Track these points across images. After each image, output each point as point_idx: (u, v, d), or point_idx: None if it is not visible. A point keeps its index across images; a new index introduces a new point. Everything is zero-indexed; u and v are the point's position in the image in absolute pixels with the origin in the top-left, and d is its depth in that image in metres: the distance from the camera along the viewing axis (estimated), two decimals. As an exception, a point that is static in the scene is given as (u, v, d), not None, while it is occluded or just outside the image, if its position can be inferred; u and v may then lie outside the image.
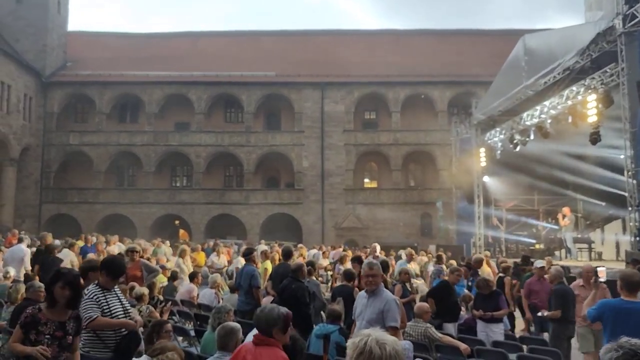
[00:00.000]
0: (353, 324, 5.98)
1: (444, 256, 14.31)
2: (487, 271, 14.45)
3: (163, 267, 11.97)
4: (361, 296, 5.76)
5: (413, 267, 13.30)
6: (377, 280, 5.47)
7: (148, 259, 12.09)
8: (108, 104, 36.98)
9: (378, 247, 15.01)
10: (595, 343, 7.96)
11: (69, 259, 11.74)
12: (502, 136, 23.15)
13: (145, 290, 8.39)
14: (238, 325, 5.13)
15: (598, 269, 6.14)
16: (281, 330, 3.88)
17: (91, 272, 5.73)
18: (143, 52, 38.83)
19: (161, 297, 9.51)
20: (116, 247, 16.17)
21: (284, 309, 3.98)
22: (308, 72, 36.29)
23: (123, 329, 5.09)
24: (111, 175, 37.40)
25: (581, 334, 8.24)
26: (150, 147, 36.48)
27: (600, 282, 5.83)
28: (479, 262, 12.71)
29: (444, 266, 12.44)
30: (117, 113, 38.35)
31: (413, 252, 14.87)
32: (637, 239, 13.98)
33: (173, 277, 11.14)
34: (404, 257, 14.18)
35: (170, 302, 8.88)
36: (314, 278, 10.13)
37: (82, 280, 5.12)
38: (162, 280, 10.78)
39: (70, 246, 12.58)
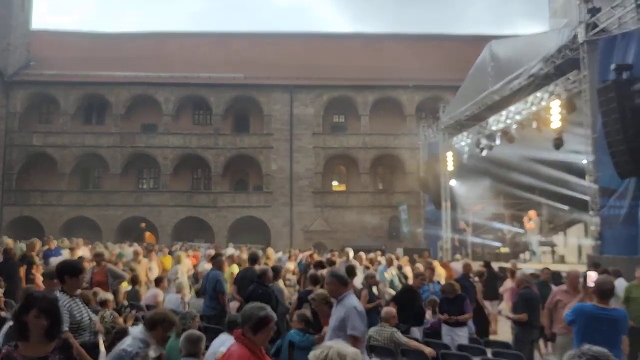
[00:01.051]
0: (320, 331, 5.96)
1: (394, 260, 14.31)
2: (442, 274, 14.66)
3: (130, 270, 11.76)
4: (334, 304, 5.74)
5: (393, 272, 13.25)
6: (331, 288, 5.44)
7: (115, 264, 11.85)
8: (73, 104, 36.29)
9: (351, 252, 15.04)
10: None
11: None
12: (469, 140, 23.47)
13: (110, 296, 8.23)
14: (202, 334, 5.09)
15: (588, 273, 6.29)
16: (251, 330, 3.81)
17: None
18: (109, 52, 38.21)
19: (125, 303, 9.35)
20: (81, 252, 15.80)
21: (265, 312, 3.91)
22: (277, 75, 36.21)
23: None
24: (76, 177, 36.68)
25: (561, 346, 7.93)
26: (116, 148, 35.94)
27: (589, 286, 6.00)
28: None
29: (372, 271, 12.15)
30: (83, 114, 37.65)
31: (393, 257, 14.85)
32: (598, 242, 14.28)
33: (134, 281, 10.95)
34: (383, 262, 14.06)
35: (135, 309, 8.74)
36: (278, 283, 10.08)
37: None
38: (125, 285, 10.60)
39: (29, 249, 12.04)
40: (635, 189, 12.73)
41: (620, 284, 10.33)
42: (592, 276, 6.21)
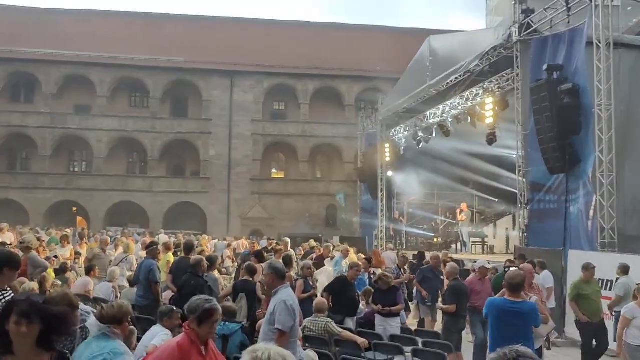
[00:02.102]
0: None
1: (350, 251, 14.38)
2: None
3: (48, 259, 11.33)
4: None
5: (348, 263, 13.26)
6: (268, 281, 5.47)
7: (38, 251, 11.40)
8: (-1, 81, 34.60)
9: (289, 241, 15.02)
10: None
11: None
12: (406, 133, 23.93)
13: (35, 285, 7.94)
14: (133, 328, 4.99)
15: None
16: (196, 321, 3.81)
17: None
18: (40, 29, 36.42)
19: (53, 292, 9.03)
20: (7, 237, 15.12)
21: (211, 305, 3.92)
22: (217, 60, 35.65)
23: None
24: (1, 158, 35.09)
25: None
26: (46, 129, 34.56)
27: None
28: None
29: (307, 261, 12.12)
30: (9, 92, 35.95)
31: (349, 248, 14.89)
32: (525, 234, 14.86)
33: (62, 270, 10.60)
34: (337, 255, 13.96)
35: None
36: (213, 272, 10.00)
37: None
38: (51, 273, 10.21)
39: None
40: (564, 185, 13.28)
41: (546, 276, 10.78)
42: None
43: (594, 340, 9.12)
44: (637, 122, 13.16)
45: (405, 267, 11.98)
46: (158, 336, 5.56)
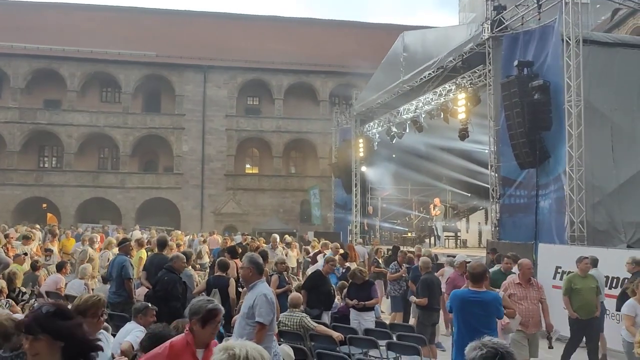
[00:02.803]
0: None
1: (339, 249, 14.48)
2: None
3: (17, 256, 11.17)
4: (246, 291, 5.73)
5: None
6: (246, 274, 5.47)
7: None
8: (-34, 75, 33.81)
9: (277, 238, 15.03)
10: (530, 350, 7.56)
11: None
12: (380, 128, 24.04)
13: (3, 282, 7.82)
14: (107, 325, 4.94)
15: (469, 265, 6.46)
16: (199, 322, 3.78)
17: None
18: (8, 21, 35.68)
19: (24, 289, 8.90)
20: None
21: (214, 305, 3.88)
22: (190, 55, 35.33)
23: None
24: (-32, 154, 34.35)
25: (514, 340, 7.47)
26: (15, 124, 33.86)
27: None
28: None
29: (281, 256, 12.13)
30: (-24, 86, 35.18)
31: (339, 245, 14.98)
32: (497, 228, 15.09)
33: (33, 267, 10.47)
34: (328, 252, 13.88)
35: (34, 297, 8.36)
36: (188, 268, 9.95)
37: None
38: (22, 269, 10.06)
39: None
40: (534, 180, 13.52)
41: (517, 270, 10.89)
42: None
43: (585, 338, 8.68)
44: (604, 118, 13.45)
45: (404, 265, 11.91)
46: (132, 333, 5.51)
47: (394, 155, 24.78)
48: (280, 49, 36.82)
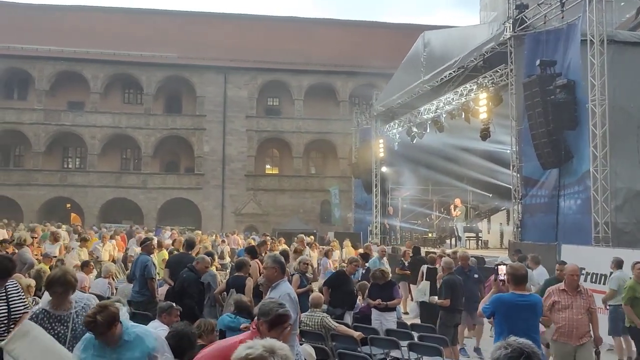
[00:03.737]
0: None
1: (314, 244, 14.49)
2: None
3: (47, 256, 11.33)
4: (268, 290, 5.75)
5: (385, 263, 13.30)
6: (270, 274, 5.49)
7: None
8: (-8, 78, 34.44)
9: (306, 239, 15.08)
10: None
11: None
12: (400, 128, 23.96)
13: (32, 281, 7.95)
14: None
15: (499, 267, 6.11)
16: (266, 324, 3.65)
17: None
18: (33, 24, 36.25)
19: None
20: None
21: (284, 310, 3.74)
22: (211, 56, 35.61)
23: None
24: (-5, 155, 35.00)
25: (558, 353, 6.72)
26: (40, 126, 34.45)
27: (500, 279, 5.93)
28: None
29: (305, 256, 12.15)
30: (3, 89, 35.80)
31: (384, 248, 14.95)
32: (519, 229, 14.95)
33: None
34: (375, 254, 13.89)
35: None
36: (212, 269, 10.01)
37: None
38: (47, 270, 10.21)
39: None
40: (556, 180, 13.37)
41: (541, 273, 10.69)
42: (503, 269, 5.72)
43: None
44: (629, 117, 13.25)
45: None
46: (157, 331, 5.57)
47: (414, 156, 24.66)
48: (300, 49, 36.92)
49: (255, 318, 3.92)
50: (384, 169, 26.17)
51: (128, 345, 4.02)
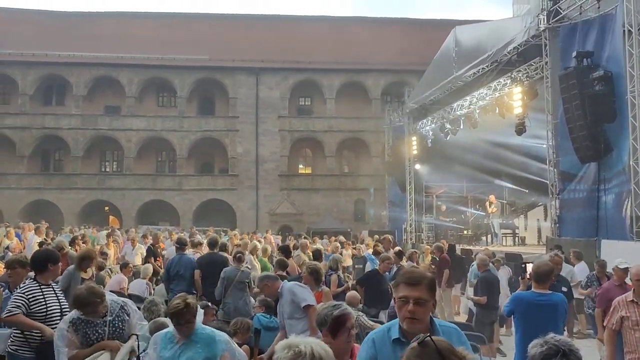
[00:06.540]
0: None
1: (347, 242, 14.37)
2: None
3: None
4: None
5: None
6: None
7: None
8: (32, 84, 35.35)
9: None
10: None
11: None
12: (433, 125, 23.73)
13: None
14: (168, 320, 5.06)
15: (528, 265, 5.91)
16: (329, 333, 3.32)
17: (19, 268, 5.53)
18: (69, 31, 37.08)
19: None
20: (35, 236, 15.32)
21: (340, 310, 3.41)
22: (243, 57, 35.84)
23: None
24: (36, 160, 35.91)
25: None
26: (78, 130, 35.22)
27: (528, 277, 5.76)
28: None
29: (337, 255, 12.10)
30: (42, 94, 36.72)
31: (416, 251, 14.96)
32: (557, 225, 14.66)
33: (100, 267, 10.81)
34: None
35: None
36: (247, 267, 10.08)
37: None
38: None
39: None
40: (595, 174, 13.07)
41: (582, 269, 10.45)
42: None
43: None
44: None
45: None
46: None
47: (448, 152, 24.38)
48: (330, 48, 36.89)
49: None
50: (417, 166, 25.98)
51: (206, 339, 4.16)
